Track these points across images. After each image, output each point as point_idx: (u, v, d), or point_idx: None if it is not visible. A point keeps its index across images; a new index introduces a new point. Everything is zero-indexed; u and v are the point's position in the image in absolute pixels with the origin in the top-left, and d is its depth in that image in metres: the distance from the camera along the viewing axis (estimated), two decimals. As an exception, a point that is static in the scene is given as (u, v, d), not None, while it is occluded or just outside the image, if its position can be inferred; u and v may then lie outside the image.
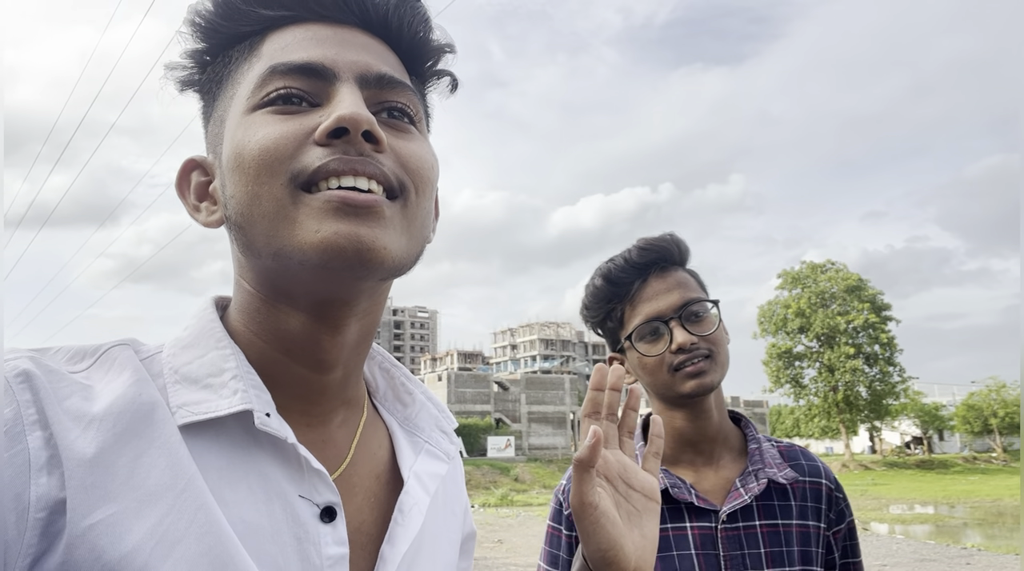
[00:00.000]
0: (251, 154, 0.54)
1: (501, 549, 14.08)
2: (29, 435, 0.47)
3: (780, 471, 1.22)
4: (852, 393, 41.29)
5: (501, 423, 50.39)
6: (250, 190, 0.55)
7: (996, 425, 46.68)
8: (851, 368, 40.38)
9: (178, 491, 0.50)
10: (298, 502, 0.56)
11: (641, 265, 1.25)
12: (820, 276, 42.33)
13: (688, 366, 1.20)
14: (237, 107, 0.58)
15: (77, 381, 0.52)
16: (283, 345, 0.60)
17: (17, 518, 0.45)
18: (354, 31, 0.61)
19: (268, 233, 0.54)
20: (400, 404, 0.72)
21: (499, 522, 19.84)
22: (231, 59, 0.61)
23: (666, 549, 1.18)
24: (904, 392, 42.71)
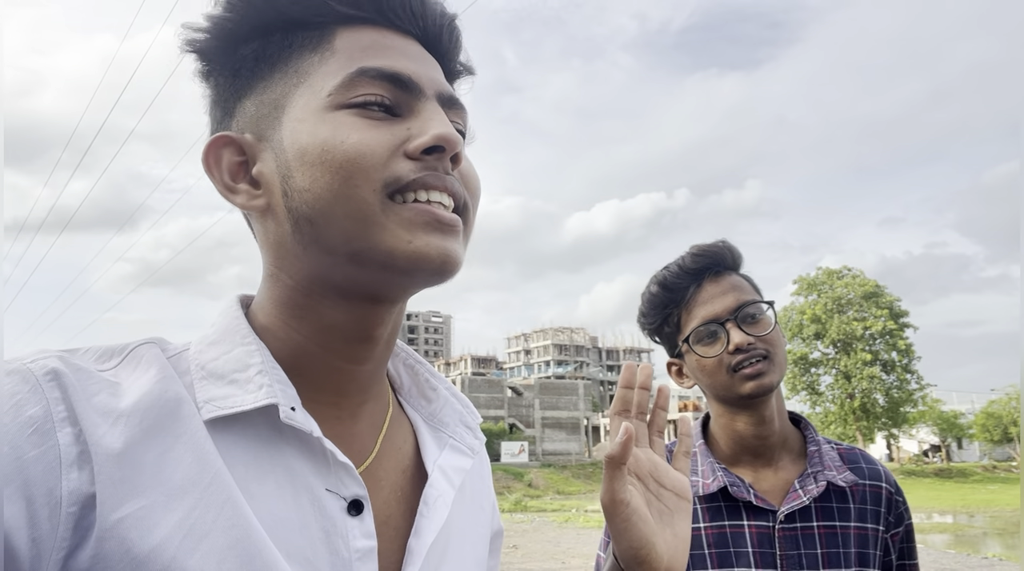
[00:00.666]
0: (344, 155, 0.55)
1: (516, 554, 14.08)
2: (59, 431, 0.48)
3: (839, 474, 1.24)
4: (869, 400, 40.91)
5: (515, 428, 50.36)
6: (336, 189, 0.55)
7: (1016, 434, 46.08)
8: (868, 375, 40.02)
9: (205, 485, 0.51)
10: (325, 495, 0.56)
11: (695, 270, 1.29)
12: (836, 282, 42.04)
13: (746, 367, 1.22)
14: (311, 99, 0.58)
15: (105, 379, 0.54)
16: (322, 338, 0.61)
17: (50, 512, 0.47)
18: (416, 45, 0.63)
19: (351, 233, 0.56)
20: (424, 400, 0.73)
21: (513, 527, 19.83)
22: (293, 44, 0.60)
23: (723, 545, 1.22)
24: (922, 400, 42.27)
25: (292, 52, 0.60)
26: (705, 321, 1.26)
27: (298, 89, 0.59)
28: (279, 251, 0.61)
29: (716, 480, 1.25)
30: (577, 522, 22.61)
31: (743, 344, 1.22)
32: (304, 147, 0.57)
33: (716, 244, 1.32)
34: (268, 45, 0.61)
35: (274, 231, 0.60)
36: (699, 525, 1.25)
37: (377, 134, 0.56)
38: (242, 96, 0.62)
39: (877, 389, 40.74)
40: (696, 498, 1.26)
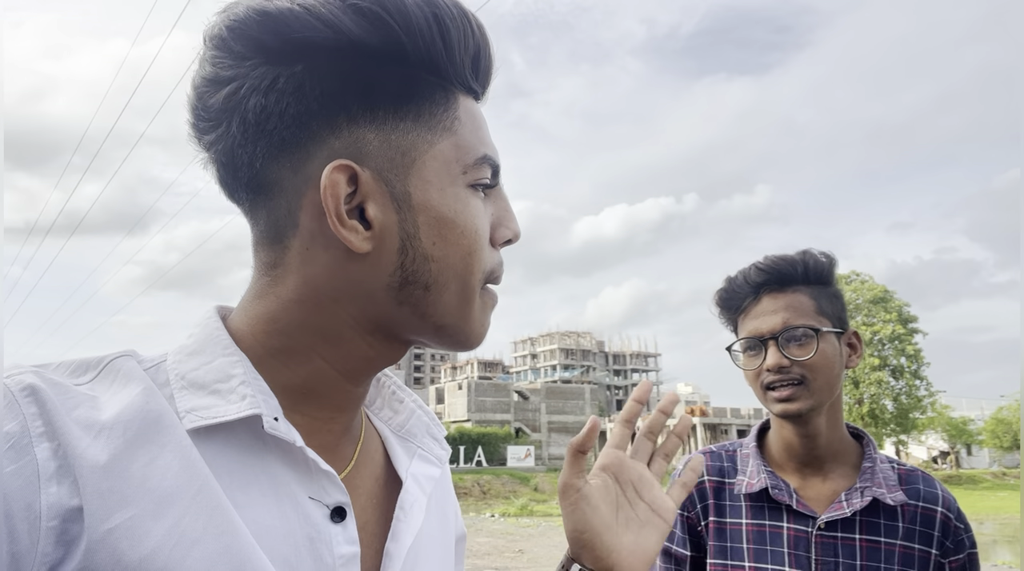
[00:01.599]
0: (471, 240, 0.60)
1: (522, 559, 14.05)
2: (36, 447, 0.48)
3: (890, 492, 1.25)
4: (878, 406, 40.69)
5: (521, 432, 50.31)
6: (459, 269, 0.59)
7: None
8: (876, 380, 39.82)
9: (193, 492, 0.51)
10: (308, 503, 0.57)
11: (756, 284, 1.32)
12: (845, 287, 41.69)
13: (777, 389, 1.27)
14: (446, 167, 0.59)
15: (83, 393, 0.53)
16: (347, 366, 0.62)
17: (29, 527, 0.46)
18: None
19: (452, 310, 0.60)
20: (391, 411, 0.75)
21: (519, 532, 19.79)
22: (423, 92, 0.59)
23: (761, 542, 1.28)
24: (931, 406, 42.03)
25: (424, 100, 0.59)
26: (750, 335, 1.31)
27: (432, 148, 0.59)
28: (354, 290, 0.59)
29: (760, 481, 1.30)
30: (583, 527, 22.44)
31: (774, 366, 1.26)
32: (439, 215, 0.58)
33: (788, 256, 1.32)
34: (390, 77, 0.58)
35: (359, 272, 0.58)
36: (741, 521, 1.30)
37: (485, 223, 0.62)
38: (358, 118, 0.58)
39: (886, 395, 40.52)
40: (742, 496, 1.32)
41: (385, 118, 0.58)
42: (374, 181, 0.58)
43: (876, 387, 40.05)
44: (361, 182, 0.57)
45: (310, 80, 0.57)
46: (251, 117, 0.57)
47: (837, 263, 1.35)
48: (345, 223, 0.57)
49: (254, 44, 0.57)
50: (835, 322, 1.30)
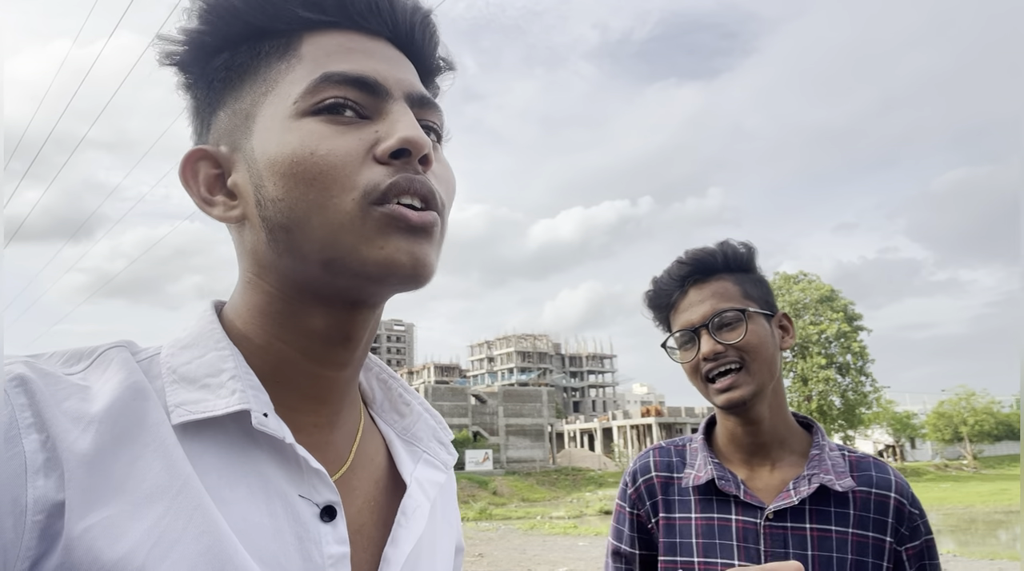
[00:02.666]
0: (316, 166, 0.56)
1: (482, 563, 14.03)
2: (25, 438, 0.48)
3: (839, 479, 1.23)
4: (826, 403, 41.77)
5: (479, 436, 50.20)
6: (310, 198, 0.56)
7: (966, 433, 47.53)
8: (824, 378, 40.89)
9: (174, 492, 0.50)
10: (298, 501, 0.56)
11: (681, 277, 1.33)
12: (793, 287, 42.91)
13: (718, 380, 1.26)
14: (279, 108, 0.58)
15: (74, 383, 0.53)
16: (303, 344, 0.61)
17: (15, 521, 0.46)
18: (386, 45, 0.62)
19: (325, 241, 0.56)
20: (397, 415, 0.73)
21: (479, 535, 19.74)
22: (260, 53, 0.60)
23: (710, 536, 1.26)
24: (876, 401, 43.35)
25: (260, 61, 0.60)
26: (682, 328, 1.31)
27: (267, 98, 0.59)
28: (256, 258, 0.61)
29: (706, 473, 1.29)
30: (543, 529, 22.61)
31: (710, 353, 1.25)
32: (273, 157, 0.57)
33: (707, 248, 1.34)
34: (237, 55, 0.61)
35: (251, 240, 0.60)
36: (689, 515, 1.29)
37: (345, 141, 0.56)
38: (216, 108, 0.62)
39: (833, 391, 41.65)
40: (690, 489, 1.31)
41: (227, 96, 0.62)
42: (230, 153, 0.61)
43: (824, 384, 41.12)
44: (221, 159, 0.61)
45: (191, 92, 0.64)
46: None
47: (756, 251, 1.36)
48: (210, 202, 0.62)
49: (179, 79, 0.64)
50: (762, 305, 1.30)
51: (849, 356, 41.60)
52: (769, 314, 1.31)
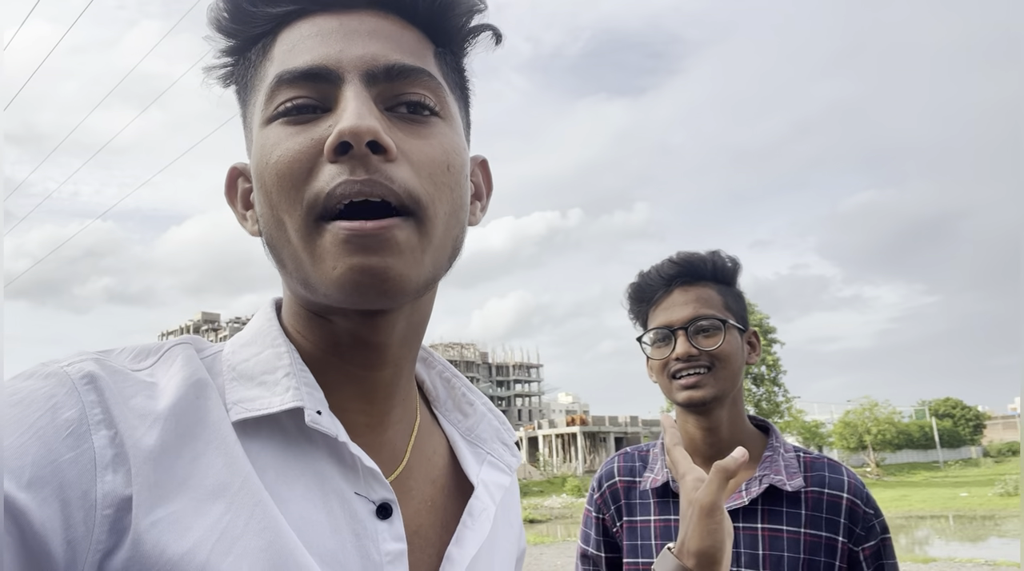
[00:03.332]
0: (271, 177, 0.53)
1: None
2: (95, 434, 0.48)
3: (789, 479, 1.26)
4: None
5: (403, 446, 49.46)
6: (274, 215, 0.54)
7: (870, 441, 49.98)
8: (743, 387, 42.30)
9: (235, 489, 0.51)
10: (354, 499, 0.56)
11: (668, 277, 1.36)
12: (713, 300, 44.23)
13: (683, 377, 1.30)
14: (256, 118, 0.57)
15: (141, 380, 0.53)
16: (332, 346, 0.60)
17: (85, 515, 0.46)
18: (362, 15, 0.56)
19: (294, 261, 0.55)
20: (461, 414, 0.72)
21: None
22: (250, 62, 0.59)
23: (667, 537, 1.28)
24: (788, 411, 45.14)
25: (250, 70, 0.59)
26: (660, 326, 1.35)
27: (253, 108, 0.58)
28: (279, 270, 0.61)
29: (663, 475, 1.33)
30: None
31: (684, 355, 1.29)
32: (253, 172, 0.57)
33: (699, 254, 1.37)
34: (238, 70, 0.61)
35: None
36: (649, 518, 1.33)
37: (295, 143, 0.53)
38: (244, 123, 0.62)
39: (748, 401, 43.13)
40: (649, 491, 1.35)
41: (244, 110, 0.62)
42: (250, 168, 0.61)
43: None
44: (247, 174, 0.62)
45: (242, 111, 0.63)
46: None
47: (741, 268, 1.41)
48: (244, 217, 0.63)
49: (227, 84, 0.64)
50: (738, 319, 1.35)
51: (763, 368, 43.23)
52: (742, 329, 1.36)
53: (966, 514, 23.81)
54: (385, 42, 0.56)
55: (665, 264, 1.37)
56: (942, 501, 27.52)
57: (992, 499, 26.78)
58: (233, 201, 0.64)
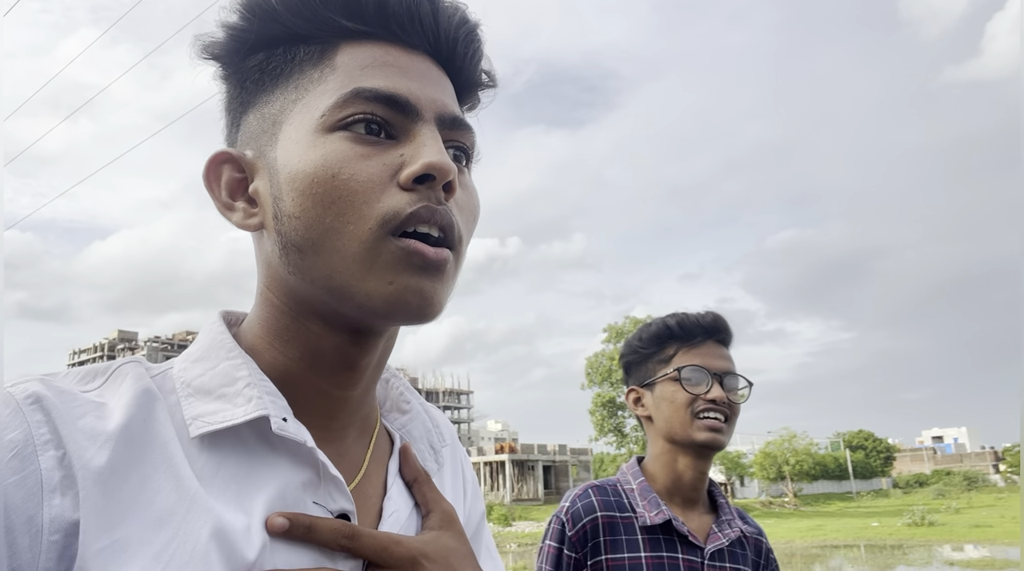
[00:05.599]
0: (337, 190, 0.53)
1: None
2: (41, 455, 0.47)
3: (742, 525, 1.45)
4: (668, 442, 43.82)
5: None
6: (327, 222, 0.54)
7: (788, 472, 51.49)
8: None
9: (182, 514, 0.49)
10: (313, 509, 0.56)
11: (710, 328, 1.49)
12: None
13: (708, 419, 1.41)
14: (306, 118, 0.56)
15: (90, 400, 0.52)
16: (309, 362, 0.59)
17: (31, 541, 0.45)
18: (426, 60, 0.60)
19: (336, 268, 0.54)
20: (399, 412, 0.73)
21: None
22: (295, 58, 0.59)
23: None
24: (712, 441, 46.09)
25: (294, 67, 0.59)
26: (700, 366, 1.44)
27: (296, 106, 0.57)
28: (269, 272, 0.60)
29: (660, 514, 1.38)
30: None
31: (720, 399, 1.41)
32: (295, 172, 0.55)
33: (726, 322, 1.52)
34: (272, 58, 0.60)
35: (266, 251, 0.59)
36: (639, 554, 1.36)
37: (369, 165, 0.54)
38: (247, 109, 0.61)
39: (675, 431, 43.90)
40: (638, 528, 1.39)
41: (259, 98, 0.60)
42: (255, 158, 0.59)
43: (667, 424, 43.28)
44: (245, 163, 0.60)
45: (225, 86, 0.63)
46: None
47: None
48: (231, 207, 0.60)
49: (216, 71, 0.63)
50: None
51: (690, 398, 44.10)
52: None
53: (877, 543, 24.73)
54: (446, 93, 0.60)
55: (708, 317, 1.49)
56: (855, 531, 28.52)
57: (901, 529, 27.91)
58: (214, 188, 0.61)
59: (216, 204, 0.61)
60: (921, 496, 51.07)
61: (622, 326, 45.81)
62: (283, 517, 0.53)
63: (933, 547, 22.43)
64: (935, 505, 38.07)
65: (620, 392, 44.82)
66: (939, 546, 22.59)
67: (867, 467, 67.57)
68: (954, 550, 21.46)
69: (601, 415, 44.83)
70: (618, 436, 45.33)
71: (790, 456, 51.23)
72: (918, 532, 26.41)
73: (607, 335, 46.14)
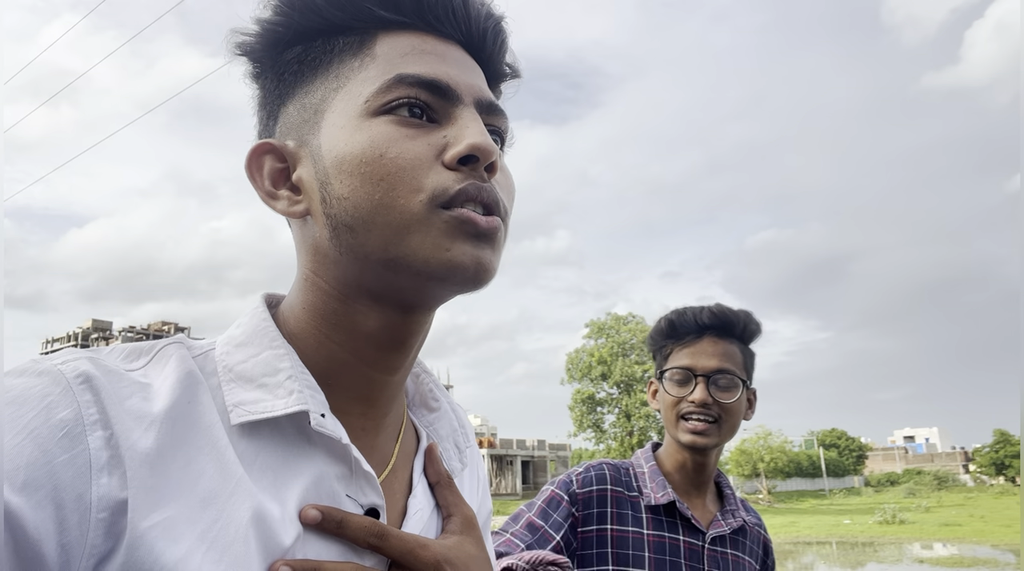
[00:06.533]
0: (385, 168, 0.55)
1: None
2: (90, 435, 0.47)
3: (746, 516, 1.49)
4: (646, 438, 44.18)
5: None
6: (378, 199, 0.55)
7: (763, 469, 52.10)
8: (646, 414, 43.35)
9: (226, 497, 0.51)
10: (346, 502, 0.57)
11: (704, 325, 1.46)
12: (622, 327, 45.35)
13: (692, 421, 1.41)
14: (349, 104, 0.58)
15: (136, 380, 0.53)
16: (356, 346, 0.61)
17: (80, 518, 0.45)
18: (460, 49, 0.63)
19: (390, 241, 0.55)
20: (427, 409, 0.74)
21: None
22: (334, 48, 0.61)
23: (661, 552, 1.38)
24: (689, 438, 46.51)
25: (334, 57, 0.60)
26: (684, 367, 1.44)
27: (338, 94, 0.59)
28: (316, 256, 0.61)
29: (666, 495, 1.42)
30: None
31: (700, 401, 1.40)
32: (342, 155, 0.57)
33: (737, 312, 1.47)
34: (311, 50, 0.61)
35: (313, 236, 0.60)
36: (642, 531, 1.39)
37: (414, 145, 0.56)
38: (286, 101, 0.63)
39: (653, 428, 44.24)
40: (643, 507, 1.42)
41: (298, 89, 0.62)
42: (297, 147, 0.61)
43: (645, 420, 43.61)
44: (287, 153, 0.61)
45: (259, 82, 0.65)
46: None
47: (762, 330, 1.52)
48: (275, 195, 0.62)
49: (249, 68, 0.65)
50: (750, 378, 1.47)
51: (668, 395, 44.43)
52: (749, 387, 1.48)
53: (848, 540, 25.10)
54: (482, 79, 0.63)
55: (705, 313, 1.46)
56: (827, 528, 28.92)
57: (872, 527, 28.36)
58: (256, 178, 0.62)
59: (259, 194, 0.62)
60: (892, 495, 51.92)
61: (603, 322, 46.00)
62: (316, 510, 0.54)
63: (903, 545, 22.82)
64: (906, 504, 38.73)
65: (600, 388, 45.07)
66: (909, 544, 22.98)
67: (840, 465, 68.54)
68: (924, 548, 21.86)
69: (580, 411, 45.03)
70: (597, 432, 45.56)
71: (765, 453, 51.82)
72: (889, 530, 26.85)
73: (588, 331, 46.31)
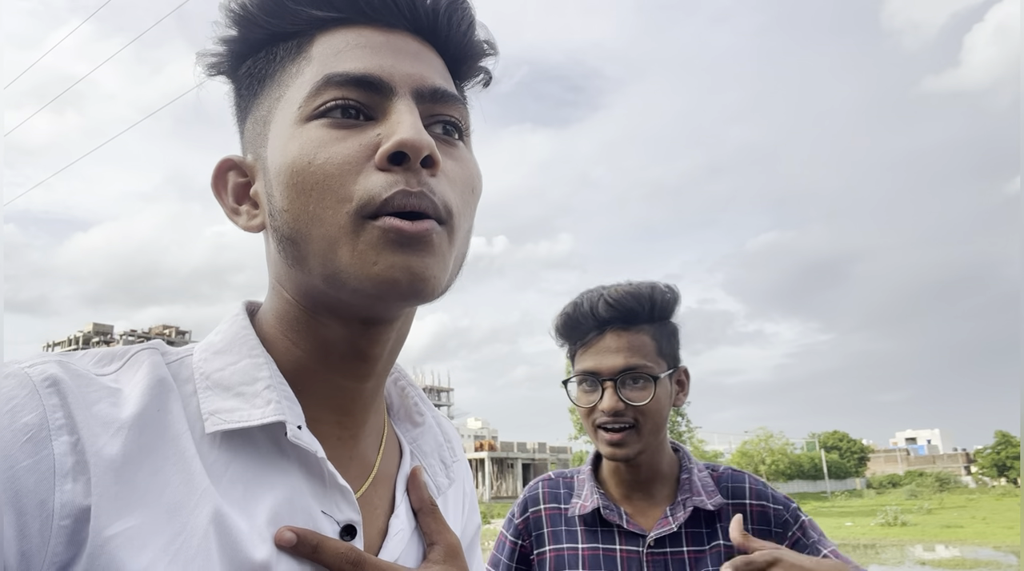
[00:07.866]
0: (313, 176, 0.53)
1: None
2: (55, 440, 0.46)
3: (709, 498, 1.26)
4: (646, 441, 44.09)
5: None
6: (310, 210, 0.53)
7: (764, 471, 52.05)
8: (647, 417, 43.32)
9: (190, 509, 0.49)
10: (320, 517, 0.55)
11: (603, 320, 1.28)
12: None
13: (609, 432, 1.25)
14: (286, 113, 0.56)
15: (106, 385, 0.52)
16: (321, 354, 0.59)
17: (41, 525, 0.44)
18: (405, 37, 0.59)
19: (325, 255, 0.53)
20: (411, 423, 0.72)
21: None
22: (276, 57, 0.59)
23: (596, 566, 1.25)
24: (690, 440, 46.51)
25: (276, 66, 0.59)
26: (587, 371, 1.28)
27: (279, 103, 0.58)
28: (276, 269, 0.60)
29: (592, 502, 1.29)
30: None
31: (610, 409, 1.24)
32: (279, 166, 0.55)
33: (639, 292, 1.28)
34: (257, 61, 0.60)
35: (271, 250, 0.60)
36: (576, 546, 1.29)
37: (343, 147, 0.53)
38: (246, 116, 0.62)
39: (654, 430, 44.18)
40: (577, 519, 1.31)
41: (252, 103, 0.61)
42: (253, 161, 0.60)
43: (646, 423, 43.54)
44: (246, 167, 0.61)
45: (232, 105, 0.64)
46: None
47: (680, 298, 1.34)
48: (237, 211, 0.61)
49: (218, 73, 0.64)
50: (670, 362, 1.30)
51: (669, 398, 44.40)
52: (673, 371, 1.31)
53: (850, 542, 25.05)
54: (428, 66, 0.59)
55: (601, 304, 1.27)
56: (829, 530, 28.85)
57: (874, 529, 28.32)
58: (222, 194, 0.62)
59: (224, 210, 0.62)
60: (894, 496, 51.79)
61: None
62: (292, 532, 0.52)
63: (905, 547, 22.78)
64: (907, 505, 38.64)
65: (600, 391, 44.91)
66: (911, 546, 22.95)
67: (841, 467, 68.41)
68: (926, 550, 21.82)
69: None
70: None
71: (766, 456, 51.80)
72: (891, 532, 26.81)
73: (588, 334, 46.17)
